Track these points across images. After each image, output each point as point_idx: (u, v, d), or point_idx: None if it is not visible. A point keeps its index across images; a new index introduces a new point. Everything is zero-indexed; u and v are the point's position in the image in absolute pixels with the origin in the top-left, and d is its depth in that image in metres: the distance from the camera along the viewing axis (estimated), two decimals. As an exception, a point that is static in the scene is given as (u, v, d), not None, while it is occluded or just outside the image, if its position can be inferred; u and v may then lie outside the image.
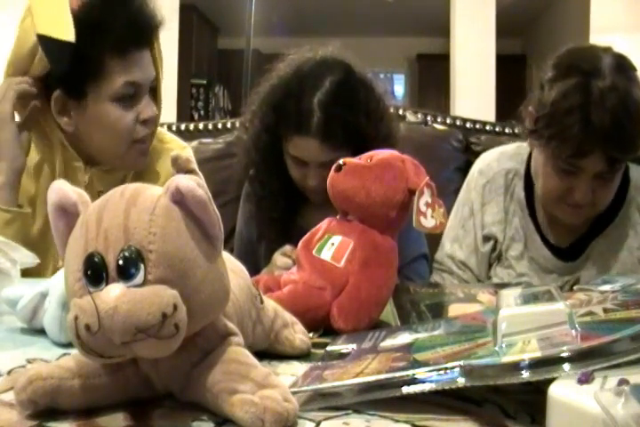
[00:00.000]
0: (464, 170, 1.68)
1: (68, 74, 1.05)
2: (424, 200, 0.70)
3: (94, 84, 1.07)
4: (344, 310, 0.67)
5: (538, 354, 0.41)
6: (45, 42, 1.02)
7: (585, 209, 1.17)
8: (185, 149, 1.27)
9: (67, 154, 1.13)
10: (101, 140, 1.12)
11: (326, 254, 0.71)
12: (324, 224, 0.76)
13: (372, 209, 0.72)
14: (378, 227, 0.72)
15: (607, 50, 1.14)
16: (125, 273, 0.39)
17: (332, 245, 0.72)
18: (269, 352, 0.57)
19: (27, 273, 0.83)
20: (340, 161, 0.75)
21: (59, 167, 1.13)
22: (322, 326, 0.68)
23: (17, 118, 1.10)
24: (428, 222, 0.70)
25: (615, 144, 1.06)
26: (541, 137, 1.12)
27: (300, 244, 0.75)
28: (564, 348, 0.40)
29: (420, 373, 0.43)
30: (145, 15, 1.08)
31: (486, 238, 1.28)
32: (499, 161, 1.30)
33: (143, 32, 1.08)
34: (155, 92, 1.15)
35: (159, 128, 1.23)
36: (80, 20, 1.02)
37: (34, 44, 1.04)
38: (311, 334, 0.64)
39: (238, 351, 0.44)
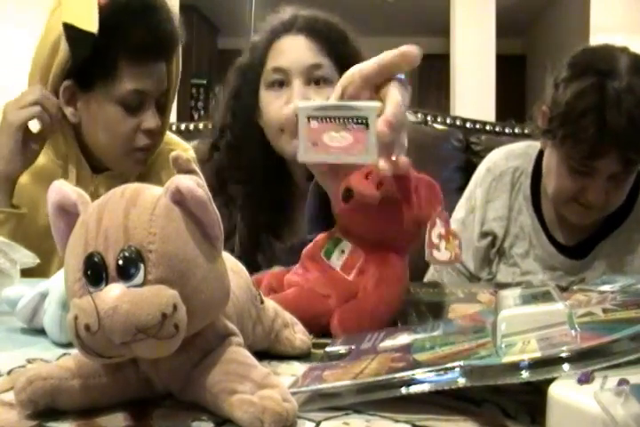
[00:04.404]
0: (464, 169, 1.69)
1: (82, 66, 1.07)
2: (436, 232, 0.66)
3: (104, 82, 1.09)
4: (346, 321, 0.66)
5: (537, 354, 0.41)
6: (69, 31, 1.05)
7: (595, 210, 1.17)
8: (187, 151, 1.27)
9: (78, 163, 1.15)
10: (100, 140, 1.13)
11: (336, 263, 0.69)
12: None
13: (382, 240, 0.69)
14: (389, 249, 0.69)
15: (624, 50, 1.14)
16: (125, 273, 0.39)
17: (341, 252, 0.69)
18: (269, 352, 0.57)
19: (31, 273, 0.84)
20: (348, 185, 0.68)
21: (70, 176, 1.14)
22: (323, 330, 0.67)
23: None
24: (442, 255, 0.66)
25: (631, 145, 1.06)
26: (555, 137, 1.13)
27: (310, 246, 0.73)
28: (564, 348, 0.40)
29: (419, 373, 0.43)
30: (165, 29, 1.11)
31: (484, 234, 1.29)
32: (507, 159, 1.31)
33: (161, 45, 1.11)
34: (165, 105, 1.17)
35: None
36: (102, 18, 1.05)
37: (59, 36, 1.06)
38: (311, 335, 0.64)
39: (238, 352, 0.44)
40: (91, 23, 1.03)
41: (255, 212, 1.21)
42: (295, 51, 1.13)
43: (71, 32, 1.05)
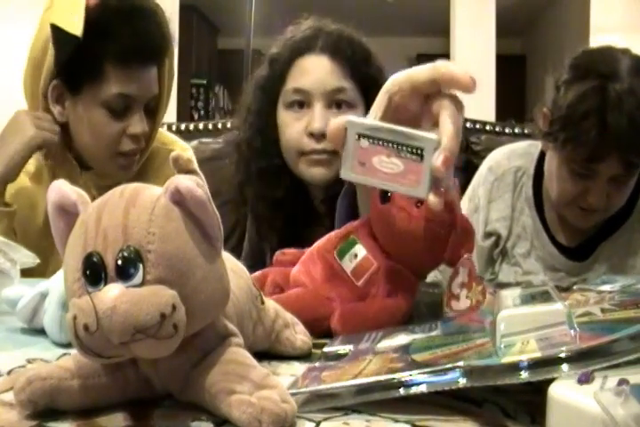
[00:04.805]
0: (464, 169, 1.68)
1: (70, 67, 1.07)
2: (458, 281, 0.64)
3: (90, 84, 1.08)
4: (346, 321, 0.65)
5: (537, 354, 0.41)
6: (56, 31, 1.05)
7: (597, 213, 1.17)
8: (186, 151, 1.27)
9: (65, 157, 1.15)
10: (86, 142, 1.14)
11: (347, 265, 0.68)
12: (353, 222, 0.72)
13: (399, 256, 0.68)
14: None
15: (625, 51, 1.13)
16: (124, 273, 0.39)
17: (354, 256, 0.68)
18: (270, 353, 0.57)
19: (30, 273, 0.84)
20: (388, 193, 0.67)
21: (58, 169, 1.15)
22: (325, 332, 0.67)
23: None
24: (461, 305, 0.64)
25: (632, 148, 1.06)
26: (556, 140, 1.13)
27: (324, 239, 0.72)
28: (563, 348, 0.40)
29: (419, 374, 0.43)
30: (154, 33, 1.10)
31: (488, 235, 1.28)
32: (509, 159, 1.31)
33: (148, 48, 1.10)
34: (155, 110, 1.16)
35: (160, 129, 1.24)
36: (90, 20, 1.04)
37: (48, 35, 1.07)
38: (312, 336, 0.64)
39: (237, 352, 0.44)
40: (76, 26, 1.03)
41: (268, 231, 1.21)
42: (318, 72, 1.11)
43: (57, 33, 1.05)
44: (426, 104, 0.62)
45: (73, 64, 1.07)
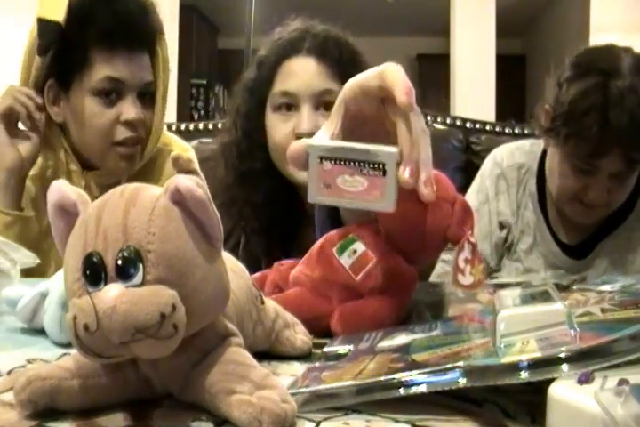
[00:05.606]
0: (464, 169, 1.69)
1: (57, 60, 1.08)
2: (463, 256, 0.65)
3: (79, 74, 1.09)
4: (346, 320, 0.65)
5: (537, 354, 0.41)
6: (40, 23, 1.06)
7: (598, 209, 1.17)
8: (187, 152, 1.27)
9: (66, 157, 1.15)
10: (82, 136, 1.13)
11: (346, 260, 0.68)
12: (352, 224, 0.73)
13: (402, 243, 0.68)
14: (403, 257, 0.69)
15: (627, 50, 1.14)
16: (124, 273, 0.39)
17: (353, 252, 0.68)
18: (270, 353, 0.57)
19: (31, 273, 0.84)
20: None
21: (59, 170, 1.14)
22: (324, 331, 0.67)
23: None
24: (466, 280, 0.65)
25: (633, 144, 1.07)
26: (558, 136, 1.13)
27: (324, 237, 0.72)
28: (563, 348, 0.40)
29: (419, 374, 0.43)
30: (136, 16, 1.10)
31: (501, 225, 1.29)
32: (512, 155, 1.32)
33: (130, 31, 1.09)
34: (152, 98, 1.15)
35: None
36: (73, 7, 1.05)
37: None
38: (312, 336, 0.64)
39: (237, 352, 0.44)
40: (57, 14, 1.04)
41: (254, 233, 1.20)
42: (305, 75, 1.11)
43: (41, 24, 1.05)
44: (383, 106, 0.62)
45: (60, 58, 1.07)
